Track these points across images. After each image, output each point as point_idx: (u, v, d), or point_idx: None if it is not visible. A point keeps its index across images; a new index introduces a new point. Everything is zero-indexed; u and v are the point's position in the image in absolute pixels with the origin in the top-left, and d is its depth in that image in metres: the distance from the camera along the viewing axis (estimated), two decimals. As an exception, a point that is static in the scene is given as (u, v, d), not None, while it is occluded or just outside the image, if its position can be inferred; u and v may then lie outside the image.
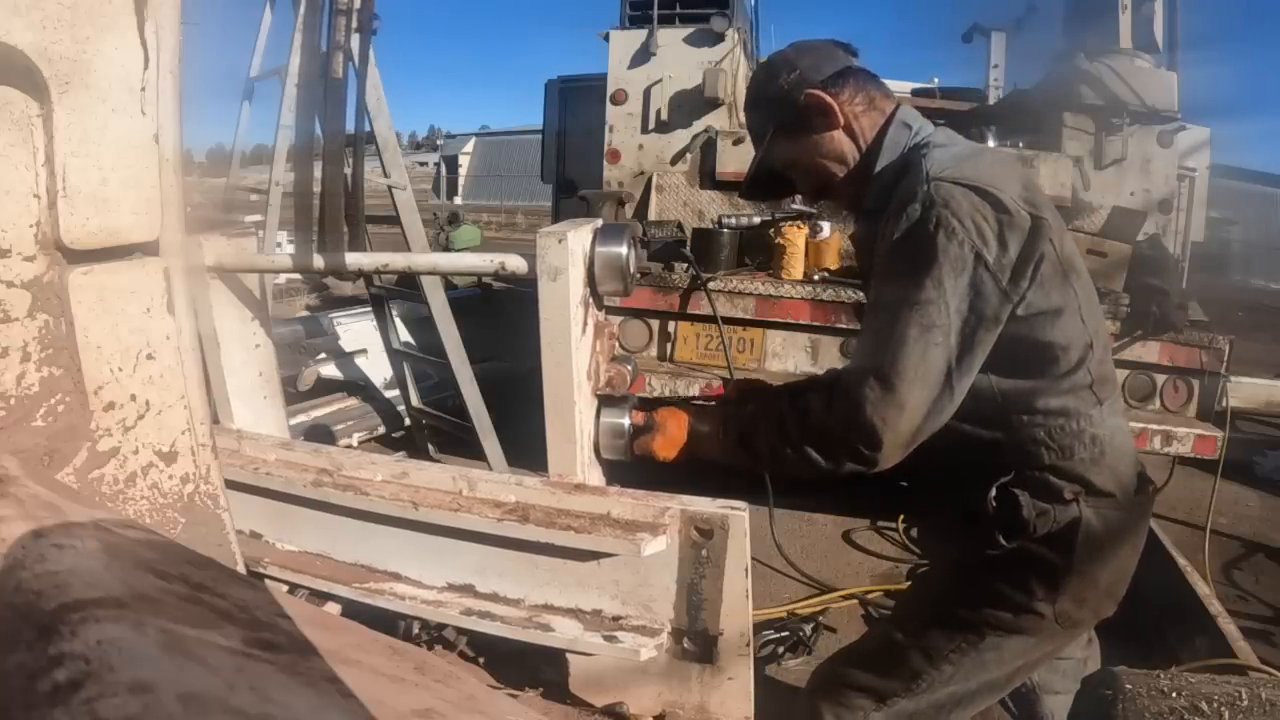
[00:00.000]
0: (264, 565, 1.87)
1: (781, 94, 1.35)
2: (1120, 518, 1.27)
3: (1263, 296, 13.54)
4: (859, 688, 1.43)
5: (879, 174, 1.31)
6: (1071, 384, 1.24)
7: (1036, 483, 1.24)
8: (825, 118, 1.33)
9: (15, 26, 0.72)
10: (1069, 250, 1.26)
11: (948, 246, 1.14)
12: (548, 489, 1.79)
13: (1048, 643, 1.33)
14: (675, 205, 4.03)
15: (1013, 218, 1.17)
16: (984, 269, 1.14)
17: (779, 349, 3.59)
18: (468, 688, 0.82)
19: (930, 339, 1.14)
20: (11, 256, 0.77)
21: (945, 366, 1.15)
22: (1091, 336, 1.26)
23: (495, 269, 2.10)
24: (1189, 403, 3.34)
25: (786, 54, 1.41)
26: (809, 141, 1.36)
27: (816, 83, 1.33)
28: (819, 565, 3.39)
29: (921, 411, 1.16)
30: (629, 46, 4.08)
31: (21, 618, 0.45)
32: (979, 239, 1.14)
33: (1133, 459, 1.34)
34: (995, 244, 1.15)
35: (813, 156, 1.37)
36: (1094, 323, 1.28)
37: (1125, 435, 1.33)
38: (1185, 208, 4.79)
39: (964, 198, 1.16)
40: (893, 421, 1.15)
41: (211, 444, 0.97)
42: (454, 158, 34.05)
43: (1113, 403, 1.31)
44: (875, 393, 1.15)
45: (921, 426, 1.17)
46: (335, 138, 2.61)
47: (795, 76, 1.34)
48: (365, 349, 4.90)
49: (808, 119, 1.34)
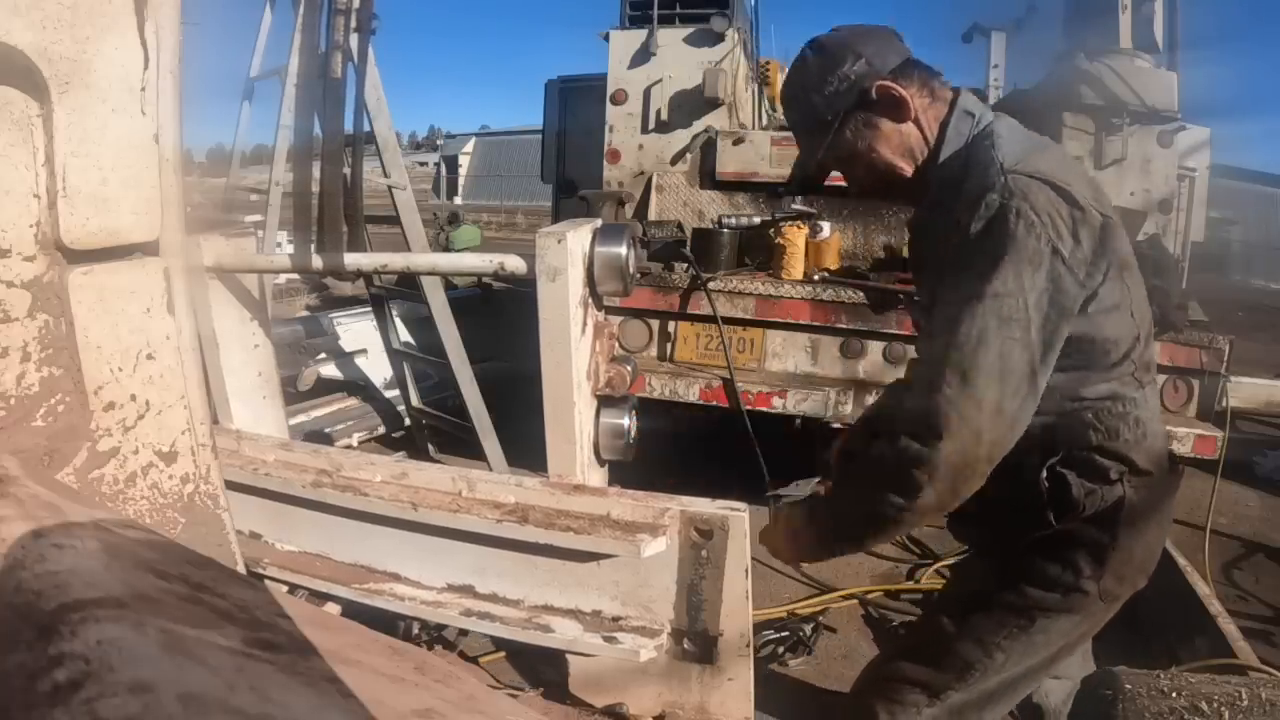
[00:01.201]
0: (264, 565, 1.87)
1: (848, 84, 1.29)
2: (1157, 495, 1.30)
3: (1263, 296, 13.53)
4: (911, 682, 1.41)
5: (943, 164, 1.29)
6: (1119, 372, 1.25)
7: (1084, 463, 1.25)
8: (898, 110, 1.29)
9: (15, 26, 0.72)
10: (1126, 248, 1.26)
11: (1026, 239, 1.12)
12: (547, 490, 1.79)
13: (1089, 620, 1.33)
14: (675, 205, 4.03)
15: (1085, 214, 1.17)
16: (1061, 263, 1.13)
17: (779, 349, 3.59)
18: (468, 688, 0.82)
19: (1008, 332, 1.12)
20: (11, 256, 0.77)
21: (1027, 363, 1.13)
22: (1139, 329, 1.27)
23: (495, 269, 2.10)
24: (1189, 403, 3.34)
25: (845, 39, 1.33)
26: (877, 135, 1.31)
27: (885, 73, 1.28)
28: (819, 565, 3.38)
29: (1000, 409, 1.13)
30: (629, 46, 4.08)
31: (21, 618, 0.45)
32: (1055, 234, 1.13)
33: (1165, 438, 1.38)
34: (1070, 239, 1.14)
35: (881, 152, 1.32)
36: (1141, 315, 1.29)
37: (1159, 417, 1.36)
38: (1185, 208, 4.78)
39: (1040, 191, 1.15)
40: (970, 418, 1.11)
41: (211, 444, 0.97)
42: (454, 158, 34.05)
43: (1153, 387, 1.33)
44: (953, 388, 1.12)
45: (1001, 426, 1.13)
46: (334, 137, 2.61)
47: (861, 66, 1.28)
48: (365, 349, 4.90)
49: (878, 112, 1.30)
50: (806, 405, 3.37)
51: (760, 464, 3.16)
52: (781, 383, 3.44)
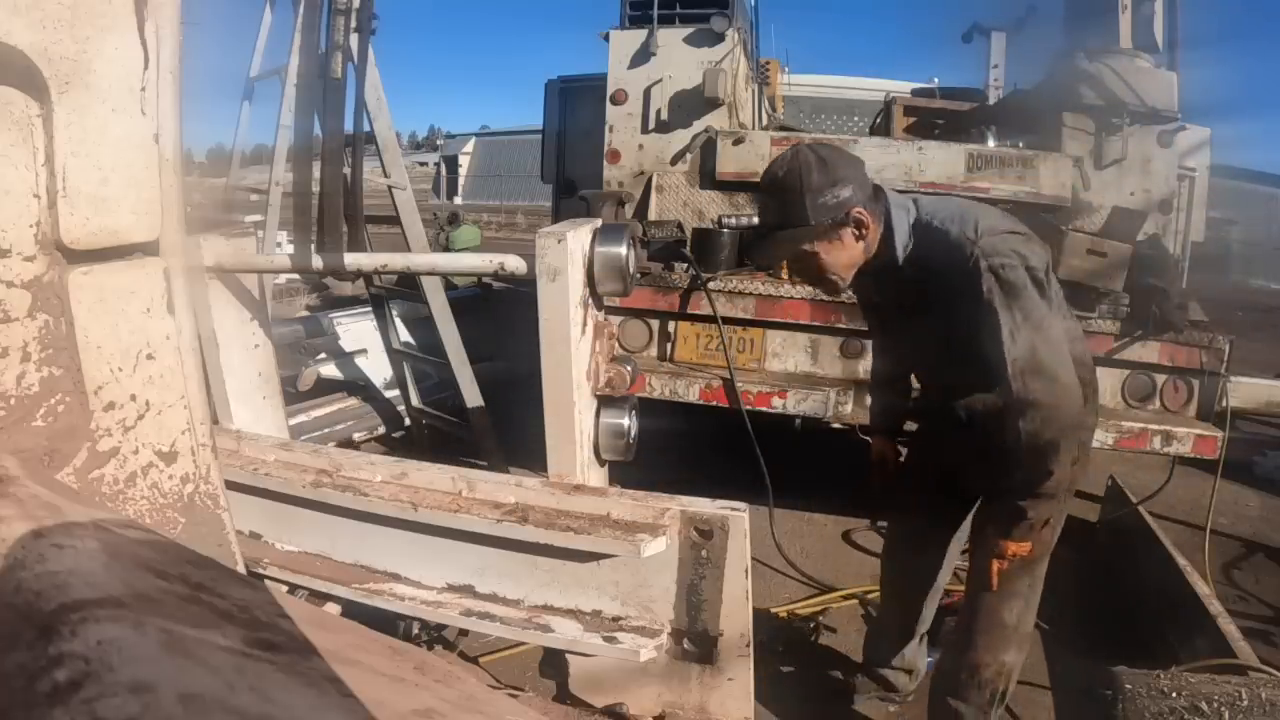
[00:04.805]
0: (264, 565, 1.87)
1: (838, 201, 1.71)
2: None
3: (1263, 296, 13.54)
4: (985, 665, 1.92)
5: (900, 248, 1.76)
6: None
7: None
8: (861, 230, 1.75)
9: (15, 26, 0.72)
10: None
11: (1013, 279, 1.63)
12: (547, 490, 1.79)
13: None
14: (675, 205, 4.03)
15: (1030, 240, 1.72)
16: (1031, 274, 1.65)
17: (779, 349, 3.59)
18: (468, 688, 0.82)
19: (1044, 331, 1.63)
20: (11, 256, 0.76)
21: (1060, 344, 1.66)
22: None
23: (495, 269, 2.10)
24: (1189, 403, 3.33)
25: (842, 162, 1.77)
26: (838, 245, 1.76)
27: (863, 201, 1.74)
28: (819, 565, 3.38)
29: (1066, 367, 1.64)
30: (629, 46, 4.08)
31: (21, 618, 0.45)
32: (1023, 261, 1.65)
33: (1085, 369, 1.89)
34: (1033, 259, 1.67)
35: (836, 258, 1.77)
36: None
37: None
38: (1185, 208, 4.77)
39: (1002, 242, 1.67)
40: (1058, 390, 1.62)
41: (211, 444, 0.97)
42: (454, 158, 34.06)
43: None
44: (1040, 384, 1.61)
45: (1071, 373, 1.65)
46: (334, 138, 2.61)
47: (850, 190, 1.72)
48: (365, 349, 4.90)
49: (849, 228, 1.74)
50: (806, 405, 3.37)
51: (760, 464, 3.16)
52: (781, 383, 3.44)
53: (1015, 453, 1.67)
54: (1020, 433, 1.64)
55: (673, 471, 2.96)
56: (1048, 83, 4.35)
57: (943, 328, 1.78)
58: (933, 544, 2.20)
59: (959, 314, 1.69)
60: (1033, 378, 1.61)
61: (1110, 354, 3.30)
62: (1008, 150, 3.91)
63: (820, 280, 1.84)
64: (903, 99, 5.35)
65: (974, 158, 3.78)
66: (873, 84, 7.41)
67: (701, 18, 3.98)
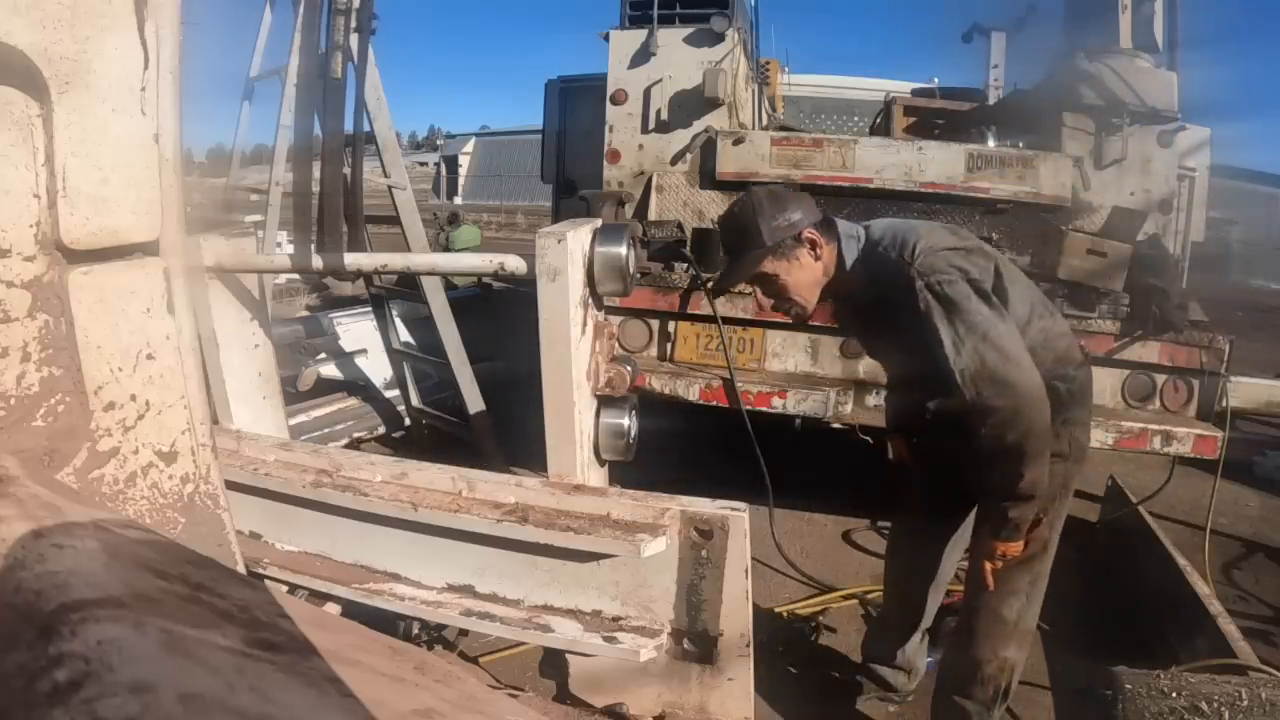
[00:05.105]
0: (264, 565, 1.87)
1: (789, 224, 1.86)
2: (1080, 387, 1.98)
3: (1263, 296, 13.54)
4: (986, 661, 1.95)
5: (851, 270, 1.89)
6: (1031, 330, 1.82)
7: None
8: (814, 250, 1.88)
9: (15, 26, 0.72)
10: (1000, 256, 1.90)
11: (952, 292, 1.71)
12: (547, 490, 1.79)
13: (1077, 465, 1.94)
14: (675, 205, 4.03)
15: (972, 253, 1.81)
16: (970, 281, 1.73)
17: (779, 349, 3.59)
18: (468, 688, 0.82)
19: (991, 339, 1.68)
20: (11, 256, 0.76)
21: (1008, 336, 1.70)
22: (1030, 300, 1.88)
23: (495, 269, 2.11)
24: (1189, 403, 3.33)
25: (788, 196, 1.94)
26: (796, 264, 1.89)
27: (813, 225, 1.88)
28: (819, 565, 3.38)
29: (1019, 370, 1.67)
30: (629, 46, 4.07)
31: (21, 618, 0.45)
32: (961, 273, 1.74)
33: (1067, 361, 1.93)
34: (974, 271, 1.76)
35: (796, 277, 1.90)
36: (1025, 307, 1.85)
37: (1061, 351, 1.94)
38: (1185, 208, 4.77)
39: (938, 259, 1.76)
40: (1014, 393, 1.66)
41: (211, 444, 0.97)
42: (454, 158, 34.05)
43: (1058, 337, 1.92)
44: (993, 390, 1.67)
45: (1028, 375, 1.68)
46: (334, 138, 2.61)
47: (798, 215, 1.87)
48: (365, 349, 4.89)
49: (803, 247, 1.88)
50: (806, 405, 3.37)
51: (760, 464, 3.16)
52: (781, 383, 3.44)
53: (987, 457, 1.72)
54: (984, 438, 1.70)
55: (673, 471, 2.95)
56: (1048, 83, 4.35)
57: (903, 345, 1.89)
58: (934, 540, 2.22)
59: (909, 333, 1.78)
60: (985, 385, 1.66)
61: (1110, 354, 3.30)
62: (1008, 150, 3.91)
63: (786, 301, 1.95)
64: (903, 99, 5.35)
65: (974, 158, 3.77)
66: (873, 84, 7.41)
67: (701, 18, 3.98)
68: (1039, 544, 1.89)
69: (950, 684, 2.05)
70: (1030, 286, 1.94)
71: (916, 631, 2.34)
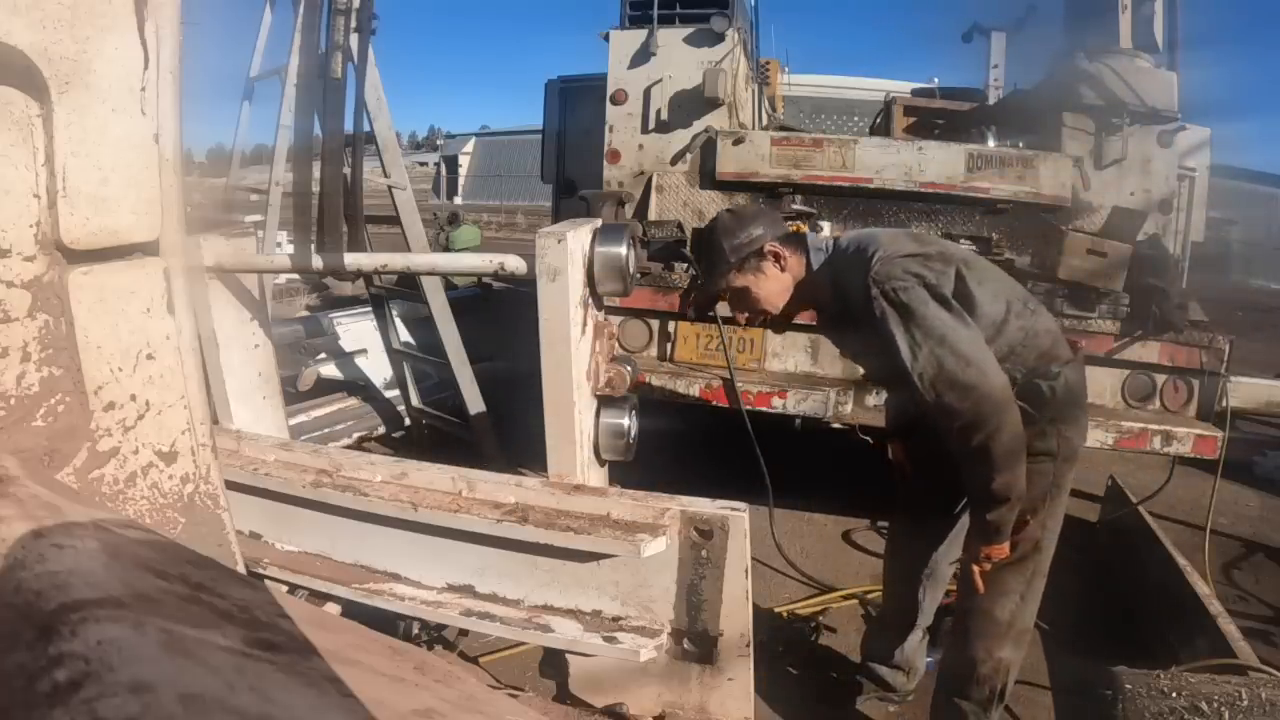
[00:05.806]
0: (264, 565, 1.87)
1: (751, 239, 1.95)
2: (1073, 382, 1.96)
3: (1263, 296, 13.53)
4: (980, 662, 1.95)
5: (816, 274, 1.95)
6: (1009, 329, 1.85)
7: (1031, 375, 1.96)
8: (779, 261, 1.96)
9: (15, 26, 0.72)
10: (970, 258, 1.95)
11: (907, 295, 1.74)
12: (547, 490, 1.79)
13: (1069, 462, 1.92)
14: (675, 205, 4.03)
15: (931, 259, 1.82)
16: (928, 286, 1.75)
17: (779, 349, 3.59)
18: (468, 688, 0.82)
19: (949, 343, 1.69)
20: (11, 256, 0.76)
21: (967, 338, 1.71)
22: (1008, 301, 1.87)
23: (495, 269, 2.10)
24: (1189, 403, 3.33)
25: (754, 213, 2.09)
26: (763, 276, 1.97)
27: (775, 239, 1.97)
28: (819, 565, 3.38)
29: (979, 373, 1.68)
30: (629, 46, 4.07)
31: (21, 618, 0.45)
32: (917, 279, 1.76)
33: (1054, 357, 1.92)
34: (931, 277, 1.77)
35: (765, 288, 1.98)
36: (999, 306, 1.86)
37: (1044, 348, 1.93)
38: (1185, 208, 4.77)
39: (894, 266, 1.78)
40: (974, 395, 1.66)
41: (211, 444, 0.97)
42: (454, 158, 34.04)
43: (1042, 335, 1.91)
44: (954, 394, 1.68)
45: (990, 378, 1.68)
46: (334, 138, 2.61)
47: (761, 230, 1.96)
48: (365, 349, 4.89)
49: (768, 260, 1.96)
50: (806, 405, 3.37)
51: (760, 464, 3.16)
52: (781, 383, 3.44)
53: (960, 459, 1.74)
54: (953, 442, 1.72)
55: (673, 471, 2.95)
56: (1048, 83, 4.35)
57: (872, 351, 1.91)
58: (931, 540, 2.23)
59: (872, 339, 1.82)
60: (944, 389, 1.68)
61: (1110, 354, 3.30)
62: (1008, 150, 3.91)
63: (758, 311, 2.03)
64: (903, 99, 5.35)
65: (974, 158, 3.77)
66: (873, 84, 7.41)
67: (701, 18, 3.98)
68: (1029, 544, 1.88)
69: (948, 685, 2.06)
70: (1009, 285, 1.94)
71: (914, 630, 2.34)
